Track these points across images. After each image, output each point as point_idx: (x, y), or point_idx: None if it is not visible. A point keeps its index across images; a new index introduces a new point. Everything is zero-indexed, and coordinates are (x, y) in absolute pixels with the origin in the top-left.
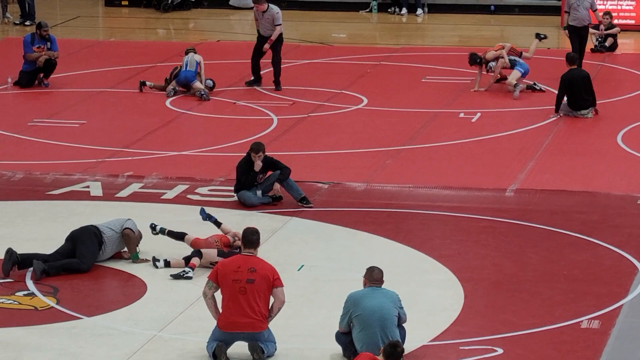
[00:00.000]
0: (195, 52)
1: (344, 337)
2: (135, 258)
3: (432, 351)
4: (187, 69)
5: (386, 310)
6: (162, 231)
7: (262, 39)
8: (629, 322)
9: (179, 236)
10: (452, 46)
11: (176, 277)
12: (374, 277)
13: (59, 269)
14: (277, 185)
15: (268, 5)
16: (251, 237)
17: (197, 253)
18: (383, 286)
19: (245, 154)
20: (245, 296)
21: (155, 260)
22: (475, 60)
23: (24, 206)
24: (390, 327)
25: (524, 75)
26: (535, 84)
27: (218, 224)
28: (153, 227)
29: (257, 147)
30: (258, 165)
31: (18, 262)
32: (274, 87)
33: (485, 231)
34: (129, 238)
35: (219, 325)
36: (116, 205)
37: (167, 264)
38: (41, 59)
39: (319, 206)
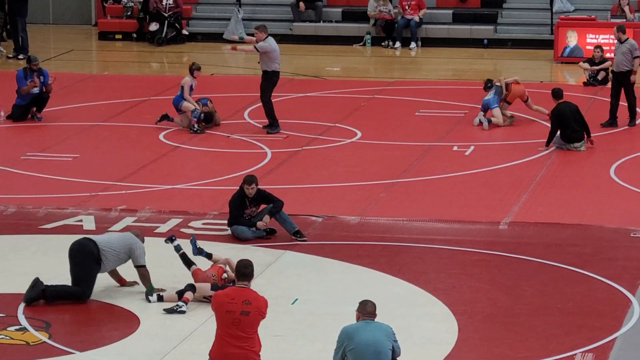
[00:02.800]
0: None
1: None
2: (150, 289)
3: None
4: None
5: (380, 344)
6: (177, 249)
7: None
8: (622, 355)
9: (188, 264)
10: (446, 79)
11: (169, 311)
12: (367, 310)
13: (59, 295)
14: (266, 218)
15: (267, 36)
16: (244, 270)
17: (191, 287)
18: (377, 319)
19: (238, 188)
20: (238, 327)
21: (148, 294)
22: (487, 85)
23: (16, 240)
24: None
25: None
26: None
27: (209, 256)
28: (171, 239)
29: (250, 179)
30: (250, 193)
31: (44, 294)
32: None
33: (479, 264)
34: (144, 277)
35: (211, 356)
36: None
37: (160, 298)
38: (33, 90)
39: (313, 239)
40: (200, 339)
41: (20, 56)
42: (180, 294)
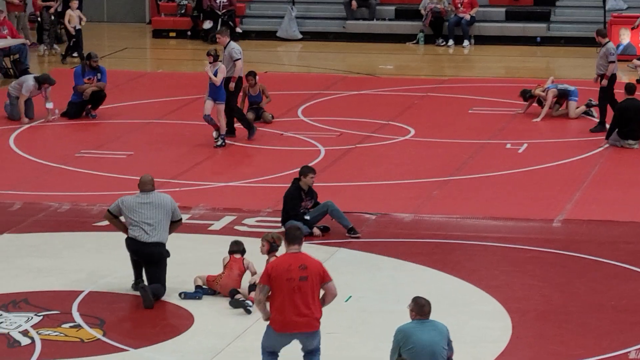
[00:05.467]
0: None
1: None
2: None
3: None
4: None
5: (436, 344)
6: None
7: (225, 81)
8: None
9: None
10: (499, 77)
11: (236, 305)
12: (423, 310)
13: (158, 296)
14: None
15: (229, 41)
16: (295, 233)
17: (253, 287)
18: (430, 317)
19: (291, 184)
20: (300, 294)
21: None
22: (525, 95)
23: (70, 238)
24: None
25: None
26: (590, 101)
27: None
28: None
29: (311, 168)
30: (312, 182)
31: (155, 293)
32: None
33: (533, 262)
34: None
35: (275, 328)
36: None
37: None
38: (87, 91)
39: (367, 237)
40: (254, 336)
41: (75, 54)
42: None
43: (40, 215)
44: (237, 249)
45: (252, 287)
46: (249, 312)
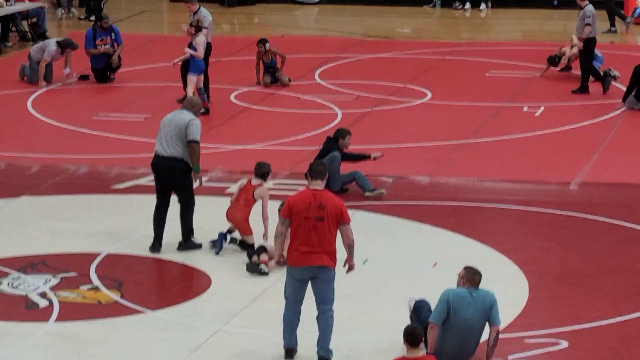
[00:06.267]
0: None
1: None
2: (197, 171)
3: (497, 344)
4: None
5: (478, 322)
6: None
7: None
8: None
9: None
10: (516, 40)
11: (252, 269)
12: (475, 280)
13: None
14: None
15: (199, 7)
16: (318, 168)
17: (263, 249)
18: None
19: (328, 144)
20: (315, 233)
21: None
22: (555, 61)
23: (88, 200)
24: (476, 336)
25: (599, 67)
26: (609, 71)
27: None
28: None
29: (345, 131)
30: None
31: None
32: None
33: (549, 225)
34: (194, 152)
35: (290, 262)
36: None
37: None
38: (114, 57)
39: (384, 200)
40: (270, 298)
41: (92, 17)
42: (258, 253)
43: (58, 178)
44: (256, 171)
45: (261, 249)
46: (265, 274)
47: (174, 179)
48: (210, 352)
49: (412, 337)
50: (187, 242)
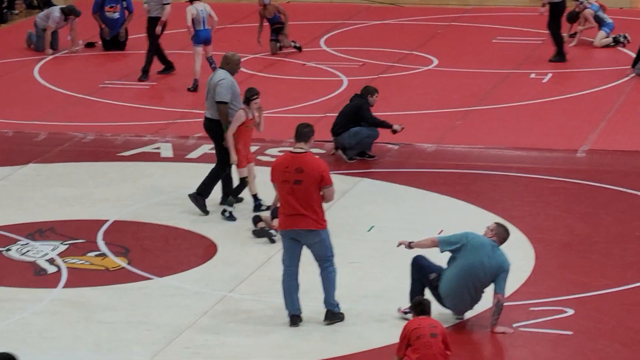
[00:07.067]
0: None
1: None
2: (226, 131)
3: (502, 312)
4: (206, 27)
5: (483, 276)
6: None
7: (150, 21)
8: None
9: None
10: (523, 6)
11: (259, 234)
12: (503, 236)
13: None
14: None
15: None
16: (303, 130)
17: (258, 218)
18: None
19: (356, 100)
20: (294, 196)
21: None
22: (574, 17)
23: (95, 167)
24: (474, 288)
25: (608, 33)
26: (619, 37)
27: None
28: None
29: (374, 88)
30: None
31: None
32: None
33: (557, 192)
34: (221, 112)
35: (279, 226)
36: (187, 166)
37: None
38: (122, 31)
39: (389, 167)
40: (276, 265)
41: None
42: (256, 222)
43: (65, 146)
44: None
45: (275, 211)
46: (272, 241)
47: (212, 139)
48: (217, 319)
49: (420, 306)
50: (197, 198)
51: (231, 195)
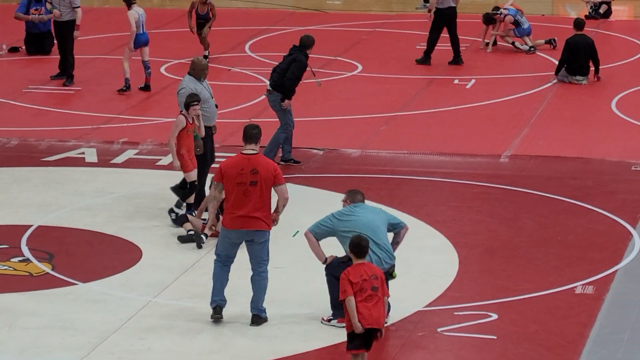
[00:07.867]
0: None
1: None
2: (197, 138)
3: (426, 316)
4: (144, 30)
5: (381, 223)
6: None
7: (58, 26)
8: (623, 287)
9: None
10: None
11: (184, 240)
12: (357, 199)
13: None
14: None
15: None
16: (251, 132)
17: (185, 218)
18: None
19: (300, 53)
20: (248, 197)
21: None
22: (490, 19)
23: (18, 172)
24: (380, 236)
25: (521, 35)
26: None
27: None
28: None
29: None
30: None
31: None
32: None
33: (480, 197)
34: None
35: (224, 224)
36: (111, 171)
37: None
38: (34, 18)
39: (314, 172)
40: (201, 270)
41: None
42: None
43: None
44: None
45: (183, 217)
46: (200, 247)
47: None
48: (142, 324)
49: (358, 248)
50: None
51: (180, 199)
